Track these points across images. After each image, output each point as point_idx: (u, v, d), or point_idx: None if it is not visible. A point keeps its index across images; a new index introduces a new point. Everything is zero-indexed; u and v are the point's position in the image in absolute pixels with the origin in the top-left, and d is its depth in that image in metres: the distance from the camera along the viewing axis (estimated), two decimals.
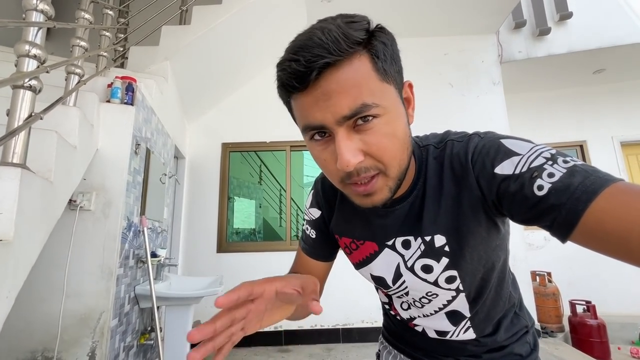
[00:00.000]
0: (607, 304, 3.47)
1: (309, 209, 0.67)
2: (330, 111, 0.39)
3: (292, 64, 0.38)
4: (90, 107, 1.52)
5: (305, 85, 0.38)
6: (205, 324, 0.35)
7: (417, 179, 0.52)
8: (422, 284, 0.54)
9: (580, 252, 3.77)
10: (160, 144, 2.36)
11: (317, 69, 0.37)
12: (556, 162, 0.38)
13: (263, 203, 5.31)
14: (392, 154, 0.42)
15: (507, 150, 0.42)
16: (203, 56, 2.72)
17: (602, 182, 0.34)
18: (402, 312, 0.63)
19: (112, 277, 1.54)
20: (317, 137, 0.42)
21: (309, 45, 0.37)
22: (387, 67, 0.40)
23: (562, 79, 4.10)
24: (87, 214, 1.54)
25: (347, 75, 0.38)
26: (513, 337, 0.59)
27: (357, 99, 0.38)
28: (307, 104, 0.40)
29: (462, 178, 0.47)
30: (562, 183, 0.36)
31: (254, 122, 3.46)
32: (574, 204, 0.35)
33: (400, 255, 0.55)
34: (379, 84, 0.39)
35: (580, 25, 3.59)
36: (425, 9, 3.17)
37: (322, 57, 0.36)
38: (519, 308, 0.62)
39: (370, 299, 3.12)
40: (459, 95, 3.48)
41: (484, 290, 0.54)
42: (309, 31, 0.39)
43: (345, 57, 0.37)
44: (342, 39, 0.37)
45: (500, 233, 0.51)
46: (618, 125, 4.08)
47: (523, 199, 0.39)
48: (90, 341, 1.45)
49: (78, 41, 1.41)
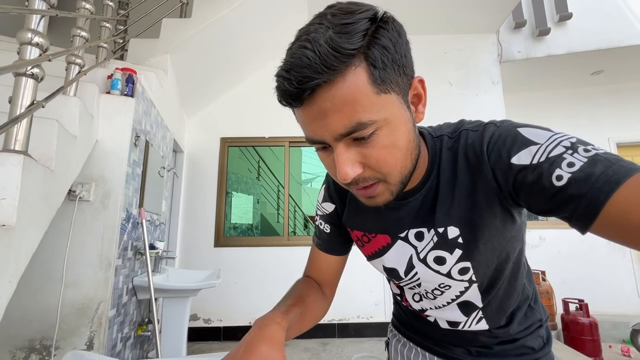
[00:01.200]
0: (600, 303, 3.51)
1: (322, 204, 0.66)
2: (327, 129, 0.39)
3: (285, 83, 0.37)
4: (90, 97, 1.52)
5: (301, 103, 0.38)
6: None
7: (430, 170, 0.51)
8: (435, 276, 0.54)
9: (574, 252, 3.82)
10: (159, 137, 2.36)
11: (309, 89, 0.36)
12: (576, 150, 0.37)
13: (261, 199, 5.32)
14: (392, 165, 0.42)
15: (524, 140, 0.41)
16: (203, 50, 2.71)
17: (625, 172, 0.33)
18: (414, 303, 0.62)
19: (110, 267, 1.55)
20: (320, 149, 0.44)
21: (299, 65, 0.36)
22: (387, 75, 0.38)
23: (560, 80, 4.12)
24: (86, 204, 1.55)
25: (341, 92, 0.36)
26: (526, 330, 0.59)
27: (352, 117, 0.37)
28: (305, 119, 0.40)
29: (477, 169, 0.46)
30: (582, 173, 0.35)
31: (253, 117, 3.46)
32: (595, 195, 0.33)
33: (413, 246, 0.54)
34: (375, 97, 0.37)
35: (580, 27, 3.61)
36: (426, 6, 3.17)
37: (311, 79, 0.35)
38: (534, 301, 0.61)
39: (367, 295, 3.15)
40: (458, 94, 3.50)
41: (497, 281, 0.54)
42: (301, 44, 0.37)
43: (339, 72, 0.36)
44: (332, 54, 0.35)
45: (516, 224, 0.50)
46: (615, 126, 4.11)
47: (541, 189, 0.38)
48: (88, 331, 1.46)
49: (79, 31, 1.41)
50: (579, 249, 3.84)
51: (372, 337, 3.06)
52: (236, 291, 3.11)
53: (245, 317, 3.08)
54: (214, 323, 3.06)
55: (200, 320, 3.05)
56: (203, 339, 3.00)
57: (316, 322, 0.60)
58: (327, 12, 0.39)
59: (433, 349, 0.63)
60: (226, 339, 3.02)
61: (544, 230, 3.92)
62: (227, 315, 3.08)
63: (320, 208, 0.66)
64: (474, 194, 0.47)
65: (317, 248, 0.66)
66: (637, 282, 3.78)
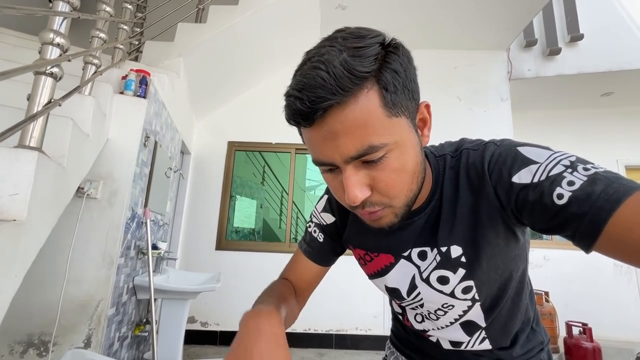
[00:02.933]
0: (604, 328, 3.43)
1: (321, 213, 0.65)
2: (337, 151, 0.38)
3: (297, 102, 0.37)
4: (104, 97, 1.55)
5: (311, 123, 0.38)
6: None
7: (434, 190, 0.51)
8: (439, 296, 0.53)
9: (578, 274, 3.76)
10: (168, 138, 2.39)
11: (322, 110, 0.36)
12: (576, 169, 0.37)
13: (264, 204, 5.33)
14: (400, 189, 0.42)
15: (524, 159, 0.41)
16: (216, 55, 2.75)
17: (625, 190, 0.33)
18: (416, 324, 0.61)
19: (112, 266, 1.55)
20: (327, 170, 0.43)
21: (313, 85, 0.36)
22: (398, 99, 0.38)
23: (570, 100, 4.11)
24: (94, 202, 1.56)
25: (353, 114, 0.36)
26: (529, 354, 0.58)
27: (363, 140, 0.37)
28: (314, 140, 0.40)
29: (479, 187, 0.46)
30: (583, 191, 0.35)
31: (261, 123, 3.49)
32: (596, 213, 0.33)
33: (416, 266, 0.54)
34: (387, 120, 0.38)
35: (591, 48, 3.61)
36: (438, 21, 3.20)
37: (325, 99, 0.35)
38: (536, 323, 0.61)
39: (366, 307, 3.12)
40: (466, 110, 3.50)
41: (500, 300, 0.53)
42: (314, 65, 0.37)
43: (351, 94, 0.36)
44: (347, 76, 0.35)
45: (520, 242, 0.49)
46: (624, 149, 4.08)
47: (543, 208, 0.38)
48: (87, 328, 1.46)
49: (98, 32, 1.45)
50: (584, 270, 3.77)
51: (370, 349, 3.02)
52: (235, 296, 3.09)
53: None
54: (211, 327, 3.04)
55: (197, 323, 3.04)
56: (199, 343, 2.98)
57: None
58: (337, 36, 0.39)
59: None
60: (222, 343, 3.00)
61: (549, 250, 3.87)
62: (224, 320, 3.06)
63: (318, 217, 0.65)
64: (477, 212, 0.47)
65: (303, 254, 0.65)
66: None
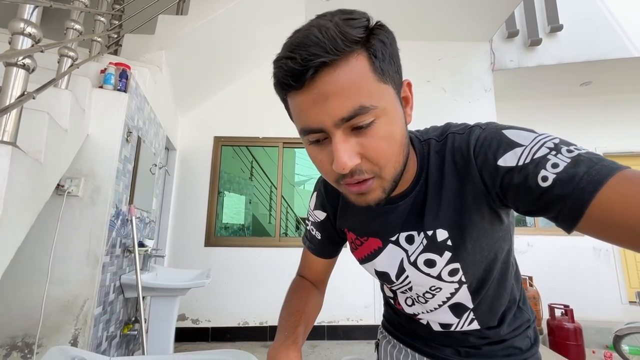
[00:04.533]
0: (585, 309, 3.58)
1: (314, 211, 0.67)
2: (327, 113, 0.38)
3: (288, 61, 0.37)
4: (82, 91, 1.50)
5: (302, 84, 0.38)
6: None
7: (419, 174, 0.51)
8: (426, 279, 0.54)
9: (561, 258, 3.89)
10: (151, 134, 2.34)
11: (314, 68, 0.36)
12: (560, 151, 0.38)
13: (253, 199, 5.29)
14: (389, 157, 0.42)
15: (509, 142, 0.42)
16: (199, 48, 2.70)
17: (607, 171, 0.34)
18: (407, 307, 0.63)
19: (97, 264, 1.52)
20: (315, 141, 0.42)
21: (306, 44, 0.36)
22: (386, 67, 0.39)
23: (550, 89, 4.21)
24: (75, 199, 1.52)
25: (344, 75, 0.37)
26: (515, 331, 0.59)
27: (354, 100, 0.37)
28: (304, 105, 0.39)
29: (465, 171, 0.47)
30: (566, 173, 0.36)
31: (247, 117, 3.45)
32: (579, 195, 0.34)
33: (404, 250, 0.55)
34: (376, 84, 0.39)
35: (570, 38, 3.70)
36: (422, 13, 3.22)
37: (318, 56, 0.36)
38: (522, 302, 0.62)
39: (356, 298, 3.15)
40: (451, 100, 3.55)
41: (486, 282, 0.54)
42: (306, 28, 0.38)
43: (343, 56, 0.36)
44: (340, 37, 0.36)
45: (504, 224, 0.50)
46: (602, 136, 4.22)
47: (527, 190, 0.39)
48: (73, 328, 1.43)
49: (72, 24, 1.39)
50: (566, 256, 3.92)
51: (361, 339, 3.06)
52: (226, 292, 3.08)
53: (234, 318, 3.05)
54: (202, 323, 3.02)
55: (188, 320, 3.01)
56: (190, 340, 2.96)
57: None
58: (326, 13, 0.40)
59: (422, 349, 0.64)
60: (214, 339, 2.99)
61: (533, 237, 3.99)
62: (215, 316, 3.04)
63: (312, 215, 0.67)
64: (462, 196, 0.48)
65: (308, 250, 0.69)
66: (620, 289, 3.87)
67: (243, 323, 3.04)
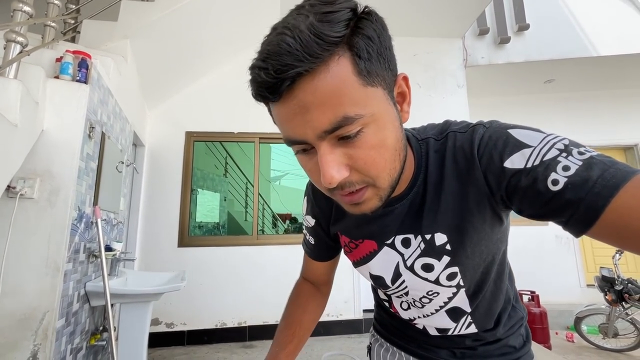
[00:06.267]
0: (548, 294, 3.81)
1: (305, 216, 0.66)
2: (309, 126, 0.34)
3: (262, 73, 0.33)
4: (34, 81, 1.35)
5: (278, 96, 0.34)
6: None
7: (417, 174, 0.48)
8: (423, 283, 0.52)
9: (527, 247, 4.12)
10: (117, 129, 2.17)
11: (289, 79, 0.32)
12: (571, 153, 0.36)
13: (228, 196, 5.14)
14: (382, 167, 0.38)
15: (516, 142, 0.39)
16: (168, 37, 2.53)
17: (623, 175, 0.32)
18: (402, 312, 0.61)
19: (58, 273, 1.39)
20: (301, 151, 0.39)
21: (278, 52, 0.32)
22: (373, 67, 0.35)
23: (518, 86, 4.41)
24: (29, 202, 1.37)
25: (325, 82, 0.33)
26: (510, 331, 0.59)
27: (337, 111, 0.33)
28: (284, 116, 0.36)
29: (468, 173, 0.44)
30: (579, 177, 0.34)
31: (221, 112, 3.32)
32: (593, 199, 0.32)
33: (399, 254, 0.53)
34: (361, 90, 0.34)
35: (536, 37, 3.87)
36: (396, 8, 3.23)
37: (292, 67, 0.32)
38: (515, 300, 0.62)
39: (336, 294, 3.14)
40: (426, 96, 3.61)
41: (484, 284, 0.53)
42: (279, 32, 0.33)
43: (321, 62, 0.32)
44: (315, 41, 0.32)
45: (503, 225, 0.49)
46: (564, 132, 4.41)
47: (536, 194, 0.37)
48: (32, 344, 1.30)
49: (20, 5, 1.24)
50: (531, 243, 4.15)
51: (342, 334, 3.07)
52: (202, 293, 2.97)
53: (212, 320, 2.95)
54: (178, 327, 2.90)
55: (162, 324, 2.88)
56: (165, 345, 2.84)
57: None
58: (304, 4, 0.35)
59: (417, 352, 0.62)
60: (191, 343, 2.88)
61: None
62: (191, 319, 2.93)
63: (305, 220, 0.66)
64: (464, 199, 0.45)
65: (307, 255, 0.69)
66: (579, 273, 4.16)
67: (221, 324, 2.95)
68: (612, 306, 2.91)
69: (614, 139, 4.48)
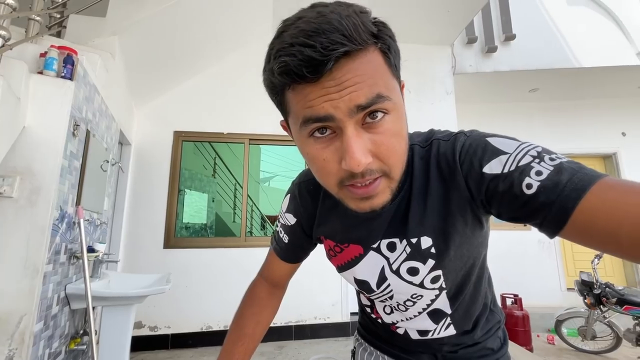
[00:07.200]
0: (531, 297, 3.91)
1: (285, 214, 0.64)
2: (343, 101, 0.35)
3: (306, 49, 0.33)
4: (17, 76, 1.30)
5: (319, 75, 0.34)
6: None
7: (404, 180, 0.49)
8: (408, 287, 0.53)
9: (510, 251, 4.21)
10: (103, 127, 2.12)
11: (335, 58, 0.33)
12: (543, 159, 0.38)
13: (216, 197, 5.08)
14: (400, 156, 0.41)
15: (494, 149, 0.42)
16: (157, 36, 2.50)
17: (589, 179, 0.34)
18: (385, 316, 0.62)
19: (37, 274, 1.34)
20: (318, 134, 0.39)
21: (327, 30, 0.33)
22: (396, 63, 0.40)
23: (503, 94, 4.53)
24: (8, 201, 1.32)
25: (363, 66, 0.35)
26: (487, 334, 0.61)
27: (372, 88, 0.36)
28: (312, 95, 0.36)
29: (450, 178, 0.46)
30: (550, 181, 0.36)
31: (211, 112, 3.28)
32: (563, 202, 0.35)
33: (385, 258, 0.53)
34: (390, 78, 0.39)
35: (522, 47, 3.99)
36: (387, 15, 3.24)
37: (342, 45, 0.33)
38: (493, 304, 0.64)
39: (324, 297, 3.15)
40: (416, 101, 3.66)
41: (464, 287, 0.55)
42: (319, 14, 0.34)
43: (363, 47, 0.35)
44: (361, 27, 0.34)
45: (483, 230, 0.51)
46: (547, 139, 4.62)
47: (512, 198, 0.39)
48: (7, 349, 1.25)
49: None
50: (515, 247, 4.25)
51: (329, 337, 3.07)
52: (187, 296, 2.92)
53: (197, 323, 2.90)
54: (161, 330, 2.84)
55: (145, 328, 2.81)
56: (148, 348, 2.77)
57: (267, 328, 0.67)
58: (327, 3, 0.38)
59: (400, 356, 0.63)
60: (175, 347, 2.82)
61: None
62: (176, 322, 2.87)
63: (282, 217, 0.65)
64: (447, 203, 0.47)
65: (274, 252, 0.67)
66: (560, 277, 4.28)
67: (206, 328, 2.90)
68: (590, 309, 3.00)
69: (594, 148, 4.64)
